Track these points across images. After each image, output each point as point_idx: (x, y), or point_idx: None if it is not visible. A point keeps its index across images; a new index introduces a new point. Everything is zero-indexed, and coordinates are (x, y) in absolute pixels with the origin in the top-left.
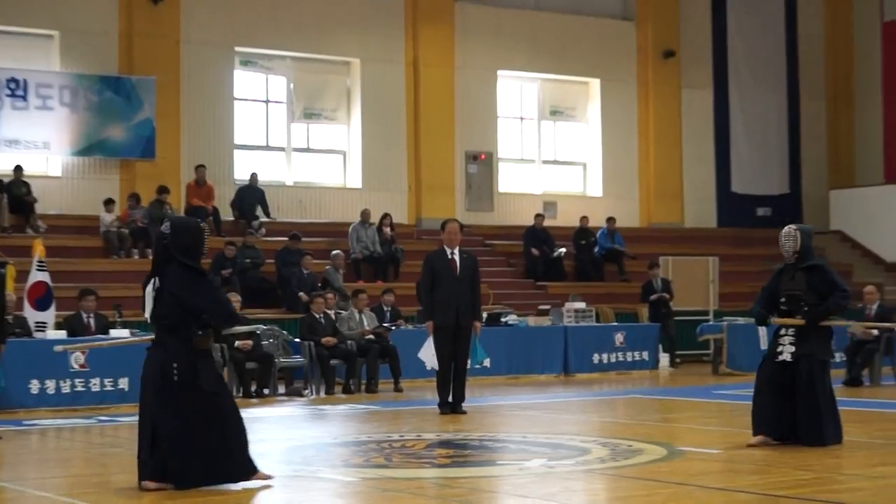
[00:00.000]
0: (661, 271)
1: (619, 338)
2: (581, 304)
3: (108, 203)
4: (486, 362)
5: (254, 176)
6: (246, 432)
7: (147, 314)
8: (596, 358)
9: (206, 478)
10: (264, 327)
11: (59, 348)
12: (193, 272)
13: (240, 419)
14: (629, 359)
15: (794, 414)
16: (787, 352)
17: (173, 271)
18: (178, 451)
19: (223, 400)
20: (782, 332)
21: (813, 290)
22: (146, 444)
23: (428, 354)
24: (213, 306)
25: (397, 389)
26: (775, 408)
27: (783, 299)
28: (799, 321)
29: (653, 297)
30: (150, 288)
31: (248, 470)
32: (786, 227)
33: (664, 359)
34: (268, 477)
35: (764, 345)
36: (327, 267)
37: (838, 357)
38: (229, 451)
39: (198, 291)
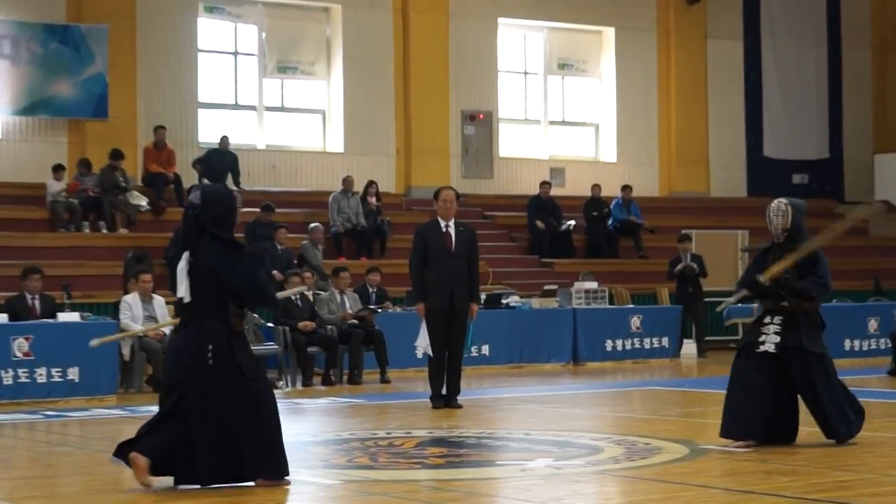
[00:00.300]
0: (693, 246)
1: (635, 322)
2: (592, 284)
3: (58, 169)
4: (485, 349)
5: (224, 139)
6: (281, 427)
7: (182, 292)
8: (609, 345)
9: (235, 475)
10: (304, 290)
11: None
12: (229, 246)
13: (277, 411)
14: (647, 346)
15: (770, 412)
16: (770, 342)
17: (207, 245)
18: (208, 444)
19: (260, 387)
20: (766, 319)
21: (803, 276)
22: (156, 424)
23: (424, 340)
24: (249, 287)
25: (384, 380)
26: (750, 405)
27: (768, 284)
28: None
29: (678, 267)
30: (182, 263)
31: (282, 469)
32: (775, 202)
33: (689, 346)
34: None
35: None
36: (304, 242)
37: (882, 343)
38: (264, 447)
39: (236, 267)
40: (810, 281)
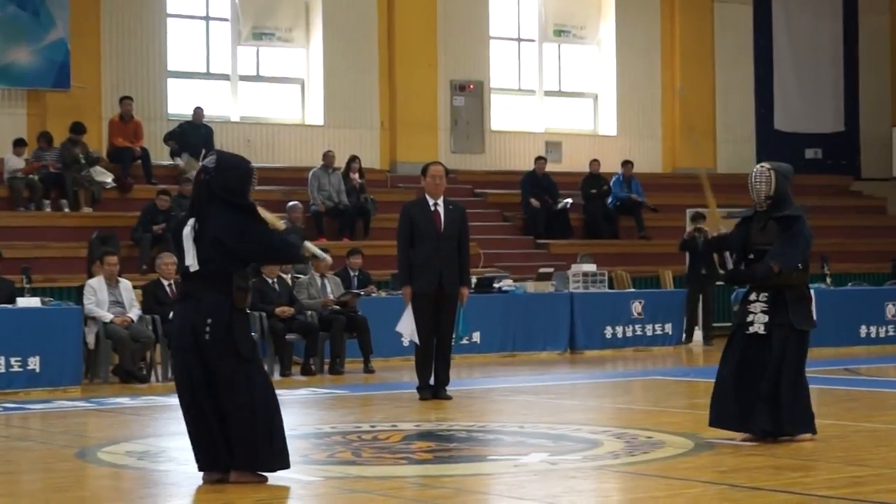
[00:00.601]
0: (706, 225)
1: (636, 307)
2: (591, 267)
3: (18, 144)
4: (476, 336)
5: (198, 111)
6: (277, 417)
7: (191, 261)
8: (609, 331)
9: (221, 464)
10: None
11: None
12: (241, 212)
13: (273, 400)
14: (649, 332)
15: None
16: (759, 322)
17: (216, 212)
18: (202, 430)
19: (254, 372)
20: (752, 296)
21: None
22: (201, 428)
23: (408, 326)
24: (267, 252)
25: (368, 370)
26: (739, 393)
27: (751, 255)
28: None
29: (689, 231)
30: (188, 230)
31: (269, 464)
32: (757, 166)
33: (695, 333)
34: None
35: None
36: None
37: None
38: (250, 438)
39: (246, 231)
40: (771, 256)
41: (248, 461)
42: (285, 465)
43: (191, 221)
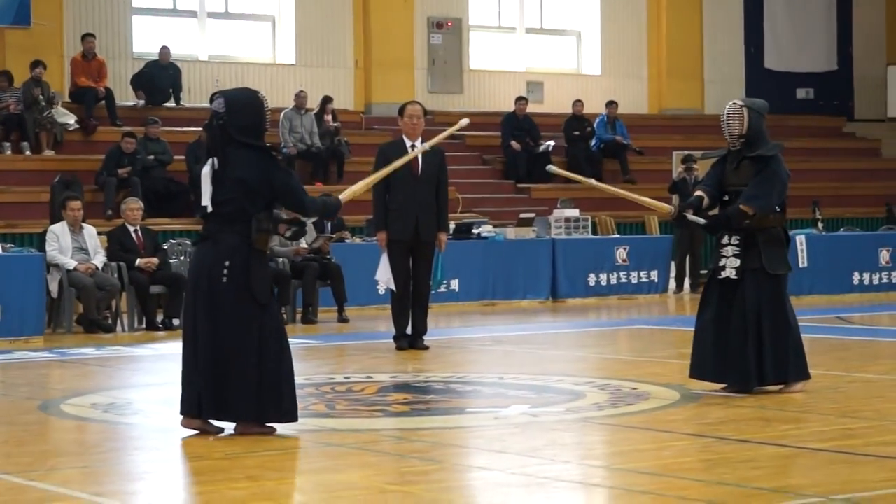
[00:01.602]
0: (698, 169)
1: (621, 254)
2: (574, 212)
3: None
4: (454, 284)
5: (164, 51)
6: (288, 368)
7: (206, 201)
8: (592, 279)
9: (244, 414)
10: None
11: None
12: (261, 152)
13: (286, 350)
14: (634, 280)
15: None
16: (730, 266)
17: (235, 152)
18: (219, 375)
19: (268, 320)
20: (724, 240)
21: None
22: (192, 370)
23: (384, 274)
24: (287, 193)
25: (342, 319)
26: (717, 342)
27: (726, 197)
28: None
29: (686, 167)
30: (207, 169)
31: (290, 413)
32: (730, 103)
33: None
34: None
35: (804, 261)
36: None
37: (895, 277)
38: (259, 387)
39: (271, 176)
40: (746, 198)
41: (255, 412)
42: (292, 417)
43: (211, 160)
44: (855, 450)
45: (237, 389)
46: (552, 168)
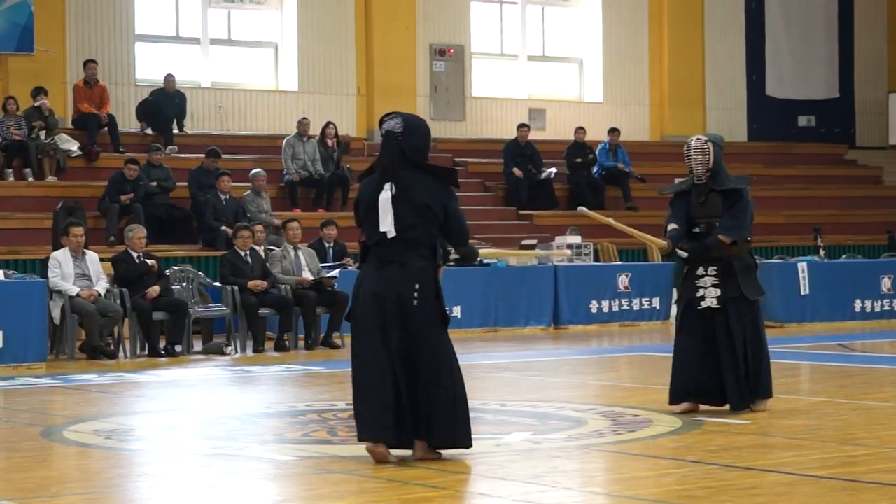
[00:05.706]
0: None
1: (623, 281)
2: (576, 239)
3: None
4: (456, 311)
5: (170, 79)
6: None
7: (387, 226)
8: (594, 306)
9: (442, 436)
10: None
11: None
12: (438, 177)
13: (460, 371)
14: (636, 307)
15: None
16: (710, 296)
17: (415, 176)
18: (418, 398)
19: (449, 341)
20: (700, 271)
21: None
22: (374, 392)
23: None
24: (456, 220)
25: (332, 345)
26: (700, 367)
27: (697, 229)
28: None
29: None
30: (386, 195)
31: (460, 438)
32: (694, 138)
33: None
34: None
35: (805, 288)
36: (246, 193)
37: None
38: (448, 408)
39: (448, 203)
40: (723, 228)
41: (452, 435)
42: (469, 441)
43: (388, 185)
44: (856, 477)
45: (432, 411)
46: (583, 209)
